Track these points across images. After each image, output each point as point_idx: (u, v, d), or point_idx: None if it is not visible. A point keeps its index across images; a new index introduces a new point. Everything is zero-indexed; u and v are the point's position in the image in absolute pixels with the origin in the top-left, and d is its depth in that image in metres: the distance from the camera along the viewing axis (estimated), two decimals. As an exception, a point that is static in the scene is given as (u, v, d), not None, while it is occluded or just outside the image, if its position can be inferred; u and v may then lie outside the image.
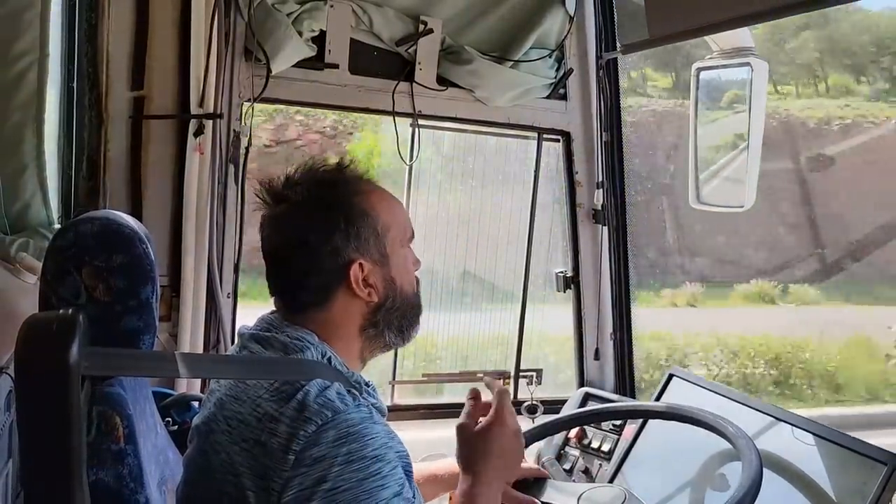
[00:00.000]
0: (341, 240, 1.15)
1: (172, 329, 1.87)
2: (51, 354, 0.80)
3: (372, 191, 1.21)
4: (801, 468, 1.48)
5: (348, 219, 1.16)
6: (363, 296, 1.16)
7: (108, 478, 1.07)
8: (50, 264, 1.15)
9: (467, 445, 1.24)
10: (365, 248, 1.16)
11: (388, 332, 1.21)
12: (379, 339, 1.21)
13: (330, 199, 1.17)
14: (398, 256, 1.21)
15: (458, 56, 2.05)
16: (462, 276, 2.42)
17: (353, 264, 1.15)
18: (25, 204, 1.69)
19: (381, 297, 1.18)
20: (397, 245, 1.21)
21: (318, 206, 1.16)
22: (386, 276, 1.19)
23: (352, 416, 1.04)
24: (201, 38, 1.80)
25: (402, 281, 1.21)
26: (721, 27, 1.77)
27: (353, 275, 1.15)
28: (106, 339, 1.12)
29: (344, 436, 1.01)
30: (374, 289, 1.18)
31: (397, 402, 2.18)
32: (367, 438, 1.02)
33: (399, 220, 1.22)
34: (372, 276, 1.17)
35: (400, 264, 1.21)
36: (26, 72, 1.65)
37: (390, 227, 1.19)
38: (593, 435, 1.87)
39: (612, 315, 2.26)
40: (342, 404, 1.05)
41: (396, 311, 1.21)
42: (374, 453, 1.02)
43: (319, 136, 8.26)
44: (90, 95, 1.79)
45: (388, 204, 1.22)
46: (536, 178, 2.26)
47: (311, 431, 1.01)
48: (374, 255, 1.17)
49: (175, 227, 1.86)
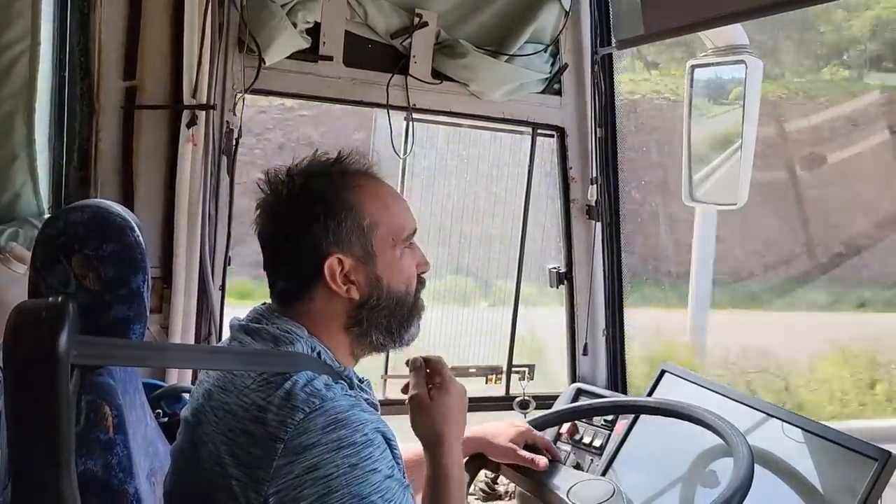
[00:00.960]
0: (322, 233, 1.14)
1: (164, 321, 1.86)
2: (40, 342, 0.79)
3: (365, 185, 1.19)
4: (792, 464, 1.49)
5: (330, 212, 1.14)
6: (341, 292, 1.15)
7: (96, 467, 1.06)
8: (39, 253, 1.15)
9: (426, 413, 1.25)
10: (346, 244, 1.15)
11: (374, 333, 1.19)
12: (366, 339, 1.19)
13: (316, 191, 1.16)
14: (388, 255, 1.18)
15: (452, 50, 2.04)
16: (455, 270, 2.42)
17: (330, 258, 1.14)
18: (16, 193, 1.68)
19: (363, 294, 1.16)
20: (387, 243, 1.18)
21: (302, 197, 1.16)
22: (370, 274, 1.16)
23: (340, 402, 1.04)
24: (194, 28, 1.79)
25: (391, 280, 1.18)
26: (716, 23, 1.77)
27: (328, 269, 1.13)
28: (96, 328, 1.11)
29: (333, 422, 1.01)
30: (356, 285, 1.16)
31: (389, 396, 2.19)
32: (356, 424, 1.02)
33: (392, 218, 1.19)
34: (354, 272, 1.15)
35: (389, 263, 1.18)
36: (17, 60, 1.65)
37: (379, 224, 1.17)
38: (584, 430, 1.87)
39: (605, 311, 2.27)
40: (329, 392, 1.05)
41: (383, 311, 1.18)
42: (363, 438, 1.02)
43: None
44: (82, 85, 1.78)
45: (382, 201, 1.20)
46: (530, 173, 2.26)
47: (299, 419, 1.00)
48: (358, 251, 1.15)
49: (167, 219, 1.85)
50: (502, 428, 1.53)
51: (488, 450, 1.51)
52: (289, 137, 7.14)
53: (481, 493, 1.86)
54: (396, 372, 2.19)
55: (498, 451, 1.50)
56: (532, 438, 1.53)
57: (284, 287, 1.18)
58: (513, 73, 2.09)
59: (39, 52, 1.69)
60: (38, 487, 0.81)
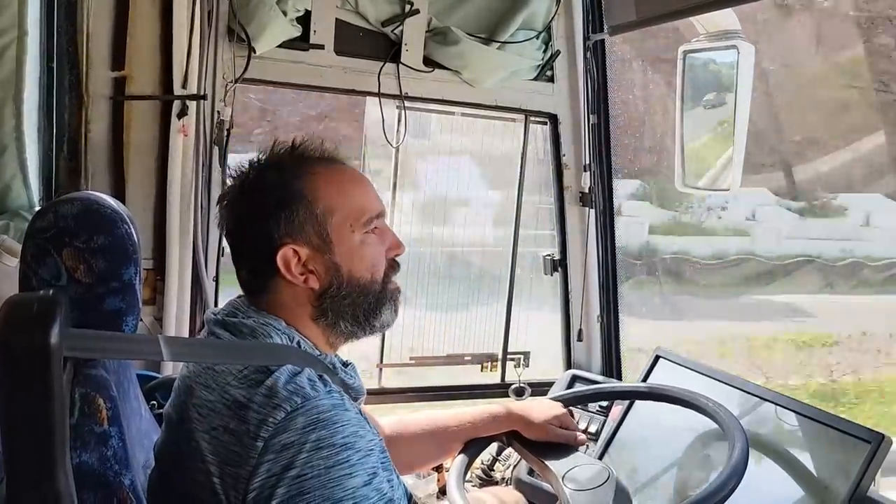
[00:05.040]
0: (273, 223, 1.13)
1: (157, 313, 1.85)
2: (32, 335, 0.79)
3: (318, 172, 1.17)
4: (786, 447, 1.50)
5: (281, 202, 1.13)
6: (298, 282, 1.14)
7: (91, 460, 1.06)
8: (30, 246, 1.13)
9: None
10: (300, 233, 1.14)
11: (342, 322, 1.18)
12: (336, 328, 1.18)
13: (268, 182, 1.15)
14: (346, 242, 1.16)
15: (444, 37, 2.03)
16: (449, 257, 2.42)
17: (284, 248, 1.13)
18: (6, 186, 1.67)
19: (322, 283, 1.15)
20: (345, 229, 1.16)
21: (255, 189, 1.15)
22: (328, 263, 1.15)
23: (322, 402, 1.02)
24: (183, 18, 1.77)
25: (352, 267, 1.16)
26: (708, 8, 1.76)
27: (281, 259, 1.13)
28: (88, 320, 1.11)
29: (313, 422, 1.00)
30: (315, 274, 1.15)
31: (385, 384, 2.19)
32: (337, 426, 1.01)
33: (351, 203, 1.17)
34: (312, 261, 1.14)
35: (349, 250, 1.16)
36: (5, 50, 1.63)
37: (334, 211, 1.15)
38: (580, 416, 1.88)
39: (600, 297, 2.27)
40: (312, 391, 1.03)
41: (346, 300, 1.17)
42: (343, 441, 1.00)
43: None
44: (70, 75, 1.77)
45: (338, 186, 1.17)
46: (523, 160, 2.25)
47: (280, 418, 0.99)
48: (314, 240, 1.14)
49: (159, 210, 1.84)
50: (542, 407, 1.51)
51: (525, 428, 1.48)
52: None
53: (478, 480, 1.86)
54: (392, 360, 2.20)
55: (535, 430, 1.48)
56: (567, 422, 1.50)
57: (247, 279, 1.18)
58: (505, 61, 2.08)
59: (27, 43, 1.67)
60: (34, 481, 0.81)
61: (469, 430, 1.49)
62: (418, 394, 2.21)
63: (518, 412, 1.49)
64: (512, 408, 1.51)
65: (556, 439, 1.47)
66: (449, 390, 2.27)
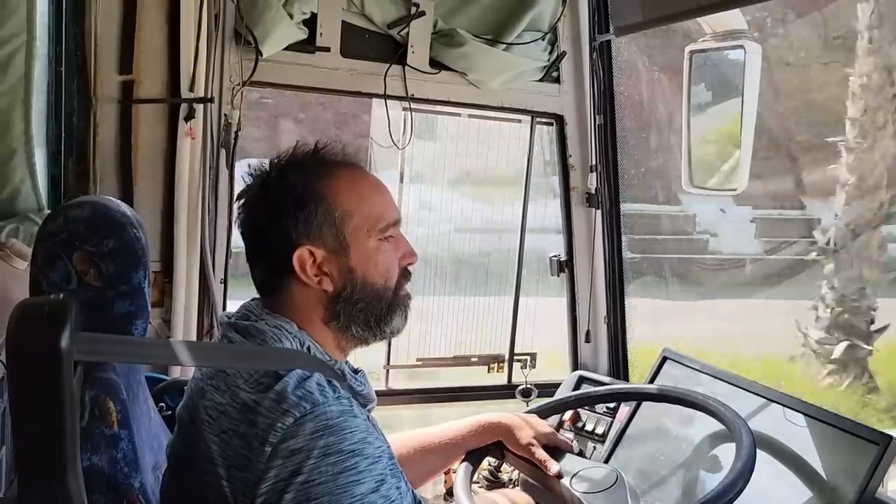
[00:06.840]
0: (292, 223, 1.13)
1: (165, 315, 1.86)
2: (43, 340, 0.79)
3: (340, 176, 1.17)
4: (793, 449, 1.49)
5: (300, 202, 1.14)
6: (312, 283, 1.14)
7: (102, 462, 1.06)
8: (40, 249, 1.14)
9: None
10: (317, 235, 1.14)
11: (354, 326, 1.18)
12: (347, 332, 1.18)
13: (289, 183, 1.15)
14: (362, 247, 1.16)
15: (450, 39, 2.03)
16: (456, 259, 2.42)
17: (300, 249, 1.13)
18: (15, 189, 1.68)
19: (336, 286, 1.15)
20: (361, 234, 1.16)
21: (275, 189, 1.16)
22: (343, 266, 1.15)
23: (331, 408, 1.02)
24: (190, 21, 1.78)
25: (366, 272, 1.16)
26: (714, 8, 1.76)
27: (297, 259, 1.13)
28: (98, 324, 1.12)
29: (322, 428, 1.00)
30: (329, 277, 1.15)
31: (392, 386, 2.19)
32: (345, 432, 1.01)
33: (367, 209, 1.17)
34: (326, 263, 1.14)
35: (364, 255, 1.16)
36: (13, 55, 1.64)
37: (352, 215, 1.15)
38: (587, 417, 1.88)
39: (606, 298, 2.27)
40: (321, 396, 1.03)
41: (358, 304, 1.17)
42: (351, 447, 1.00)
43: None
44: (78, 80, 1.77)
45: (357, 191, 1.18)
46: (530, 161, 2.25)
47: (288, 424, 1.00)
48: (330, 242, 1.14)
49: (167, 212, 1.85)
50: (528, 423, 1.52)
51: (509, 440, 1.50)
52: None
53: (485, 482, 1.86)
54: (398, 362, 2.20)
55: (517, 445, 1.49)
56: (555, 441, 1.51)
57: (262, 279, 1.19)
58: (511, 62, 2.08)
59: (35, 48, 1.68)
60: (45, 483, 0.81)
61: (461, 443, 1.51)
62: (425, 395, 2.22)
63: (504, 423, 1.51)
64: (500, 417, 1.52)
65: (534, 460, 1.47)
66: (455, 392, 2.27)
